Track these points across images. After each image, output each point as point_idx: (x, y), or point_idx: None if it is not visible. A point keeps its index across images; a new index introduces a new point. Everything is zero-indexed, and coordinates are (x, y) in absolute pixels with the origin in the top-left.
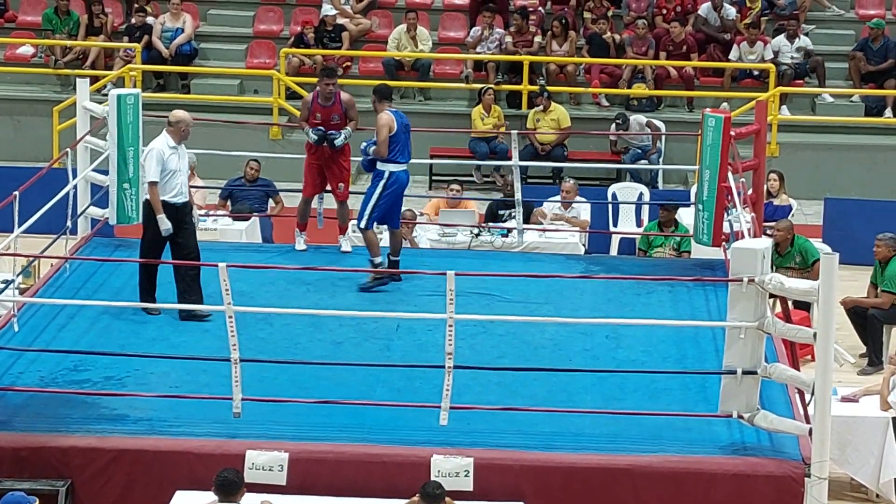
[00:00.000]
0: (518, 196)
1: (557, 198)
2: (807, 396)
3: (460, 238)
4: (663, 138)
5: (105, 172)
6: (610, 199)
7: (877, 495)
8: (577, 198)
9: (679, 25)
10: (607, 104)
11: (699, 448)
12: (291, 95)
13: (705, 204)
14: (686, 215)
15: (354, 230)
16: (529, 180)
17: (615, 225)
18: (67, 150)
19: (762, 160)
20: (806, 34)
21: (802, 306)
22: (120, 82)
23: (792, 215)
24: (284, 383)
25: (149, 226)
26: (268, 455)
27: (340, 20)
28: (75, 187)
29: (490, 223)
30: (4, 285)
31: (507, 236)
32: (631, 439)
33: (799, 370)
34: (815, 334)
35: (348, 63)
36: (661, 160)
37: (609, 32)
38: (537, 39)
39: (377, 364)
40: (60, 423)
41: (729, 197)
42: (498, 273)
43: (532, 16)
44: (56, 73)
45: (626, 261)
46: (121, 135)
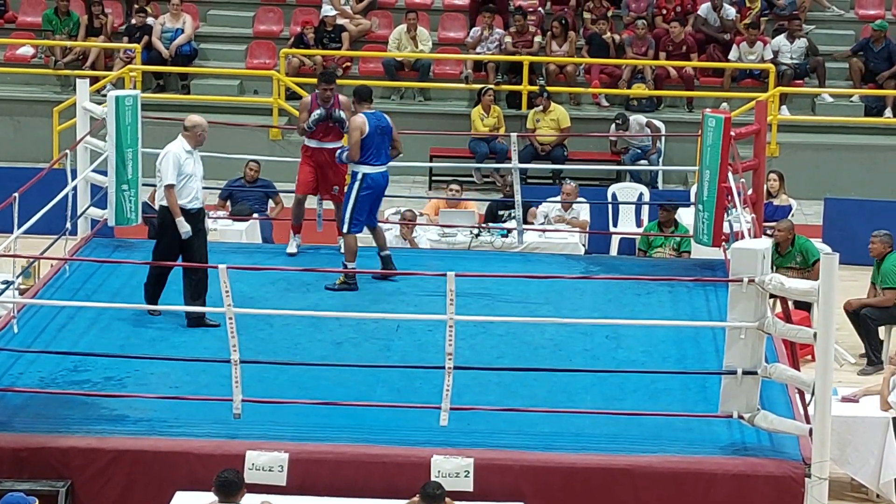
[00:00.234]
0: (518, 196)
1: (557, 198)
2: (807, 396)
3: (460, 238)
4: (663, 138)
5: (105, 173)
6: (610, 200)
7: (877, 495)
8: (577, 198)
9: (679, 26)
10: (607, 104)
11: (699, 448)
12: (291, 96)
13: (705, 204)
14: (686, 215)
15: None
16: (529, 181)
17: (615, 225)
18: (67, 152)
19: (762, 160)
20: (806, 34)
21: (803, 306)
22: (120, 83)
23: (792, 215)
24: (284, 384)
25: (165, 230)
26: (268, 455)
27: (340, 20)
28: (75, 188)
29: (490, 223)
30: (4, 286)
31: (507, 236)
32: (631, 439)
33: (799, 370)
34: (816, 334)
35: (348, 63)
36: (661, 160)
37: (609, 33)
38: (537, 40)
39: (377, 365)
40: (60, 424)
41: (729, 197)
42: (498, 273)
43: (532, 16)
44: (56, 74)
45: (626, 261)
46: (119, 136)
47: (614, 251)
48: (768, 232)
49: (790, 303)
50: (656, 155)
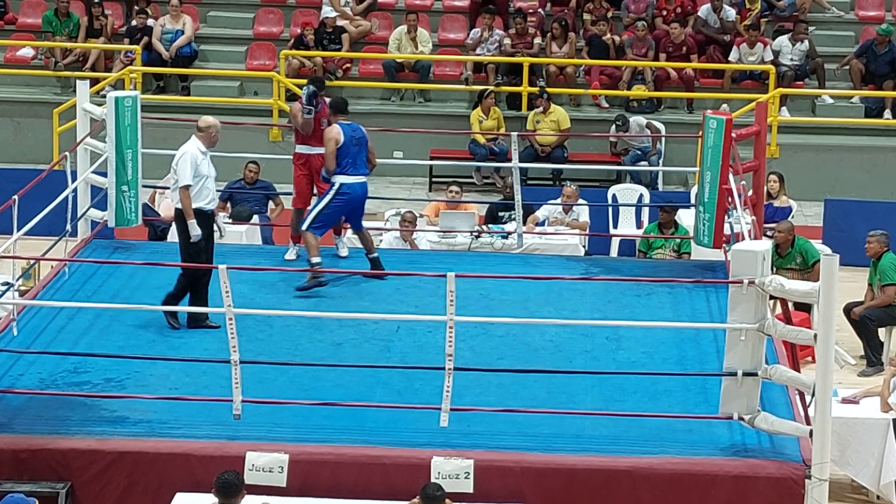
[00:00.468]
0: (518, 198)
1: (556, 201)
2: (807, 398)
3: (460, 240)
4: (663, 140)
5: (105, 174)
6: (610, 201)
7: (877, 497)
8: (578, 200)
9: (679, 27)
10: (607, 106)
11: (700, 449)
12: (291, 97)
13: (706, 206)
14: (686, 217)
15: (351, 234)
16: (529, 182)
17: (615, 227)
18: (66, 153)
19: (762, 161)
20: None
21: (803, 308)
22: (120, 84)
23: (792, 217)
24: (284, 385)
25: (184, 232)
26: (268, 457)
27: (340, 22)
28: (75, 190)
29: (490, 225)
30: (5, 288)
31: (507, 238)
32: (631, 441)
33: (799, 372)
34: (816, 336)
35: (348, 65)
36: (661, 162)
37: (609, 34)
38: (537, 41)
39: (377, 365)
40: (60, 425)
41: (729, 199)
42: (498, 275)
43: (532, 17)
44: (56, 75)
45: (626, 262)
46: (119, 137)
47: (614, 252)
48: (768, 233)
49: (790, 304)
50: (656, 156)
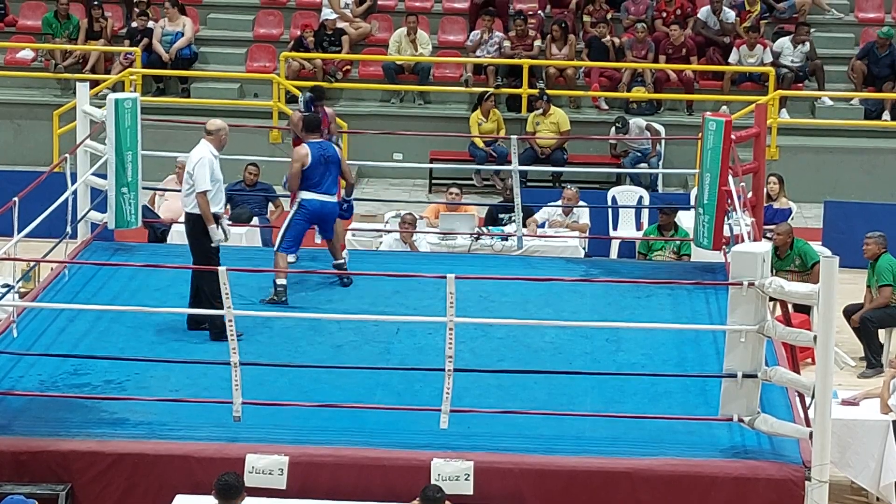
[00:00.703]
0: (518, 200)
1: (556, 203)
2: (807, 399)
3: (460, 242)
4: (663, 142)
5: (105, 176)
6: (610, 203)
7: (877, 499)
8: (578, 202)
9: (678, 29)
10: (607, 108)
11: (700, 451)
12: (291, 99)
13: (706, 207)
14: (686, 219)
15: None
16: (529, 184)
17: (615, 228)
18: (66, 156)
19: (762, 163)
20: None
21: (802, 309)
22: (120, 86)
23: (792, 218)
24: (284, 387)
25: (199, 238)
26: (268, 459)
27: (340, 24)
28: (75, 192)
29: (490, 227)
30: (5, 290)
31: (507, 240)
32: (631, 442)
33: (799, 373)
34: (816, 337)
35: (348, 67)
36: (661, 164)
37: (608, 36)
38: (537, 43)
39: (377, 367)
40: (60, 427)
41: (729, 200)
42: (498, 276)
43: (531, 19)
44: (56, 77)
45: (626, 264)
46: (119, 139)
47: (614, 254)
48: (768, 235)
49: (790, 306)
50: (656, 158)
